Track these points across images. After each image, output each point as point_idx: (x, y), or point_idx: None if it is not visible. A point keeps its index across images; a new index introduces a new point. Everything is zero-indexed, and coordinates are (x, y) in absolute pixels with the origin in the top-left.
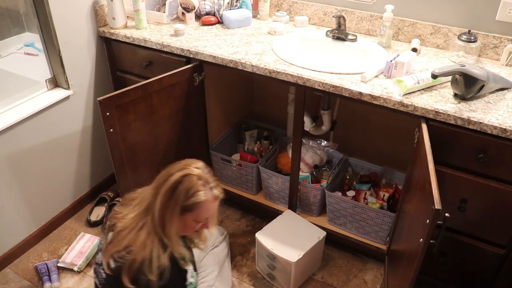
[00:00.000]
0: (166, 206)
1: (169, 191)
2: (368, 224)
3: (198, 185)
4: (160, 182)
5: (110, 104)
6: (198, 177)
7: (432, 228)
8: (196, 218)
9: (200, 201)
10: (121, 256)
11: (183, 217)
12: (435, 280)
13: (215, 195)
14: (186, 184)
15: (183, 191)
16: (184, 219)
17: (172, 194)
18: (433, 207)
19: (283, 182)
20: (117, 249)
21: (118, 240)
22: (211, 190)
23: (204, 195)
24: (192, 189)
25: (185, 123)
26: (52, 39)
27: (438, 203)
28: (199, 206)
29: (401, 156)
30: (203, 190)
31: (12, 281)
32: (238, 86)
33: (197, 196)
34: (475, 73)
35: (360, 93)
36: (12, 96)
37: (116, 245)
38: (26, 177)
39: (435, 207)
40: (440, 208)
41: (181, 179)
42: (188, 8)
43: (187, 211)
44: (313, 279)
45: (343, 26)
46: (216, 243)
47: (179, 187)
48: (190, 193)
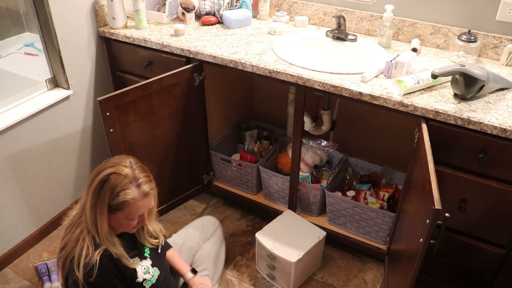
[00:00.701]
0: (95, 205)
1: (96, 189)
2: (368, 224)
3: (124, 183)
4: (90, 180)
5: (110, 104)
6: (125, 176)
7: (432, 228)
8: (128, 216)
9: (127, 199)
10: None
11: (114, 216)
12: (435, 280)
13: (144, 191)
14: (111, 183)
15: (108, 190)
16: (116, 217)
17: (99, 193)
18: (433, 207)
19: (283, 182)
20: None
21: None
22: (138, 187)
23: (130, 193)
24: (118, 187)
25: (185, 123)
26: (52, 39)
27: (438, 203)
28: (128, 205)
29: (401, 156)
30: (129, 188)
31: (12, 281)
32: (238, 86)
33: (123, 195)
34: (475, 73)
35: (360, 93)
36: (12, 96)
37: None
38: (26, 177)
39: (435, 207)
40: (440, 208)
41: (107, 178)
42: (188, 8)
43: (117, 210)
44: (313, 279)
45: (343, 26)
46: (208, 235)
47: (105, 185)
48: (116, 191)
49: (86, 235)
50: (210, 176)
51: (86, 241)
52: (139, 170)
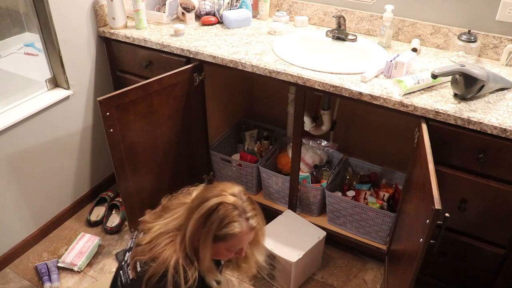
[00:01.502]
0: (199, 232)
1: (203, 217)
2: (368, 224)
3: (233, 215)
4: (195, 205)
5: (110, 104)
6: (234, 206)
7: (432, 228)
8: (229, 248)
9: (234, 232)
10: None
11: (215, 245)
12: (435, 280)
13: (251, 226)
14: (220, 213)
15: (217, 220)
16: (217, 247)
17: (206, 222)
18: (433, 207)
19: (283, 182)
20: (141, 258)
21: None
22: (247, 220)
23: (238, 226)
24: (226, 219)
25: (185, 123)
26: (52, 39)
27: (438, 203)
28: (233, 237)
29: (401, 156)
30: (238, 221)
31: (12, 281)
32: (238, 86)
33: (231, 227)
34: (475, 73)
35: (360, 93)
36: (12, 96)
37: (140, 254)
38: (26, 177)
39: (435, 207)
40: (440, 208)
41: (216, 207)
42: (188, 8)
43: (220, 240)
44: (313, 279)
45: (343, 26)
46: None
47: (213, 215)
48: (224, 223)
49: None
50: (210, 176)
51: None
52: (248, 202)
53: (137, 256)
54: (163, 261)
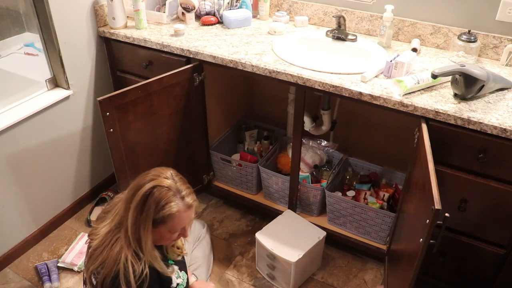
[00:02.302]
0: (138, 220)
1: (140, 204)
2: (368, 224)
3: (168, 196)
4: (130, 195)
5: (110, 104)
6: (168, 187)
7: (432, 228)
8: (170, 229)
9: (172, 212)
10: (98, 272)
11: (157, 230)
12: (435, 280)
13: (187, 204)
14: (156, 196)
15: (153, 204)
16: (158, 231)
17: (143, 208)
18: (433, 207)
19: (283, 182)
20: (94, 266)
21: (95, 257)
22: (182, 199)
23: (175, 206)
24: (163, 200)
25: (185, 123)
26: (52, 39)
27: (438, 203)
28: (172, 218)
29: (401, 156)
30: (174, 201)
31: (12, 281)
32: (238, 86)
33: (168, 208)
34: (475, 73)
35: (360, 93)
36: (12, 96)
37: (93, 262)
38: (26, 177)
39: (435, 207)
40: (440, 208)
41: (151, 191)
42: (188, 8)
43: (160, 223)
44: (313, 279)
45: (343, 26)
46: (201, 235)
47: (149, 199)
48: (161, 205)
49: (128, 252)
50: (210, 176)
51: (129, 258)
52: (181, 182)
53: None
54: (113, 262)
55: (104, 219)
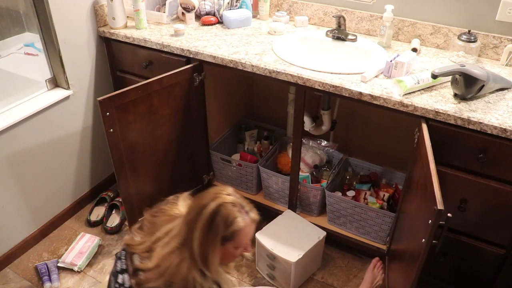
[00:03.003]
0: (206, 239)
1: (207, 223)
2: (368, 224)
3: (235, 211)
4: (193, 216)
5: (110, 104)
6: (233, 203)
7: (434, 228)
8: (236, 245)
9: (240, 227)
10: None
11: (224, 247)
12: (435, 280)
13: (252, 218)
14: (223, 213)
15: (221, 221)
16: (225, 248)
17: (211, 227)
18: (436, 208)
19: (283, 182)
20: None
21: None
22: (247, 214)
23: (242, 221)
24: (230, 217)
25: (185, 123)
26: (52, 39)
27: (440, 204)
28: (239, 233)
29: (401, 156)
30: (240, 216)
31: (12, 281)
32: (238, 86)
33: (236, 224)
34: (475, 73)
35: (360, 93)
36: (12, 96)
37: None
38: (26, 177)
39: (437, 208)
40: (443, 209)
41: (217, 209)
42: (188, 8)
43: (227, 240)
44: (313, 279)
45: (343, 26)
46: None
47: (216, 217)
48: (229, 221)
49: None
50: (210, 176)
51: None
52: (242, 198)
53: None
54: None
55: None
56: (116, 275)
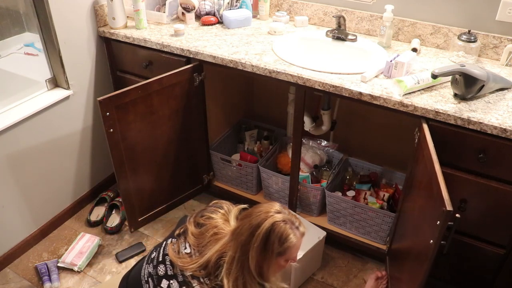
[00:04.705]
0: (263, 258)
1: (262, 243)
2: (368, 224)
3: (287, 229)
4: (247, 236)
5: (110, 104)
6: (284, 221)
7: (443, 229)
8: (287, 258)
9: (293, 243)
10: None
11: (277, 261)
12: (435, 280)
13: (302, 233)
14: (277, 232)
15: (276, 240)
16: (277, 262)
17: (266, 246)
18: (445, 209)
19: (283, 182)
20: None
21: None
22: (298, 229)
23: (294, 237)
24: (284, 235)
25: (185, 123)
26: (52, 39)
27: (449, 205)
28: (291, 248)
29: (401, 156)
30: (292, 232)
31: (12, 281)
32: (238, 86)
33: (289, 241)
34: (475, 73)
35: (360, 93)
36: (12, 96)
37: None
38: (26, 177)
39: (446, 209)
40: (452, 210)
41: (271, 229)
42: (188, 8)
43: (280, 255)
44: (313, 279)
45: (343, 26)
46: None
47: (271, 236)
48: (283, 239)
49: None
50: (210, 176)
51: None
52: (290, 213)
53: None
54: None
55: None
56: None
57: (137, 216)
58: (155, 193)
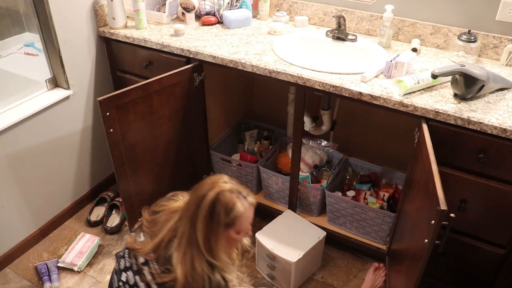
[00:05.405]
0: (210, 229)
1: (208, 213)
2: (368, 224)
3: (233, 198)
4: (194, 208)
5: (110, 104)
6: (230, 190)
7: (437, 228)
8: (238, 230)
9: (240, 212)
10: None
11: (226, 234)
12: (435, 280)
13: (250, 202)
14: (222, 201)
15: (222, 209)
16: (228, 235)
17: (212, 216)
18: (439, 208)
19: (283, 182)
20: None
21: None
22: (245, 199)
23: (241, 206)
24: (230, 203)
25: (185, 123)
26: (52, 39)
27: (443, 204)
28: (240, 218)
29: (401, 156)
30: (239, 201)
31: (12, 281)
32: (238, 86)
33: (236, 209)
34: (475, 73)
35: (360, 93)
36: (12, 96)
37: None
38: (26, 177)
39: (440, 208)
40: (446, 209)
41: (216, 198)
42: (188, 8)
43: (229, 227)
44: (313, 279)
45: (343, 26)
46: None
47: (217, 206)
48: (229, 208)
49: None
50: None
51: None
52: (238, 184)
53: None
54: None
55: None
56: (119, 273)
57: (137, 216)
58: (155, 193)
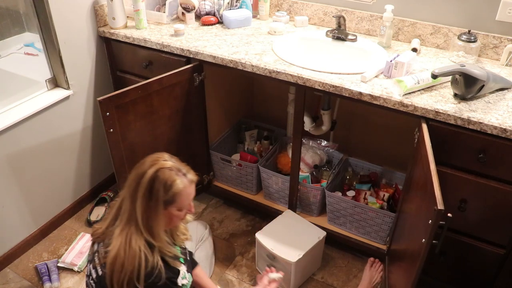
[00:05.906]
0: (149, 206)
1: (147, 190)
2: (368, 224)
3: (172, 175)
4: (133, 187)
5: (110, 104)
6: (170, 168)
7: (434, 228)
8: (179, 207)
9: (179, 189)
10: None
11: (166, 211)
12: (435, 280)
13: (190, 179)
14: (161, 178)
15: (160, 186)
16: (168, 212)
17: (151, 193)
18: (436, 208)
19: (283, 182)
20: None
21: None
22: (185, 176)
23: (181, 183)
24: (169, 180)
25: (185, 123)
26: (52, 39)
27: (440, 204)
28: (180, 195)
29: (401, 156)
30: (178, 178)
31: (12, 281)
32: (238, 86)
33: (175, 186)
34: (475, 73)
35: (360, 93)
36: (12, 96)
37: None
38: (26, 177)
39: (437, 208)
40: (443, 209)
41: (155, 175)
42: (188, 8)
43: (169, 204)
44: (313, 279)
45: (343, 26)
46: (204, 236)
47: (155, 183)
48: (168, 185)
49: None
50: (210, 176)
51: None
52: (178, 161)
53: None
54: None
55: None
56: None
57: None
58: None
